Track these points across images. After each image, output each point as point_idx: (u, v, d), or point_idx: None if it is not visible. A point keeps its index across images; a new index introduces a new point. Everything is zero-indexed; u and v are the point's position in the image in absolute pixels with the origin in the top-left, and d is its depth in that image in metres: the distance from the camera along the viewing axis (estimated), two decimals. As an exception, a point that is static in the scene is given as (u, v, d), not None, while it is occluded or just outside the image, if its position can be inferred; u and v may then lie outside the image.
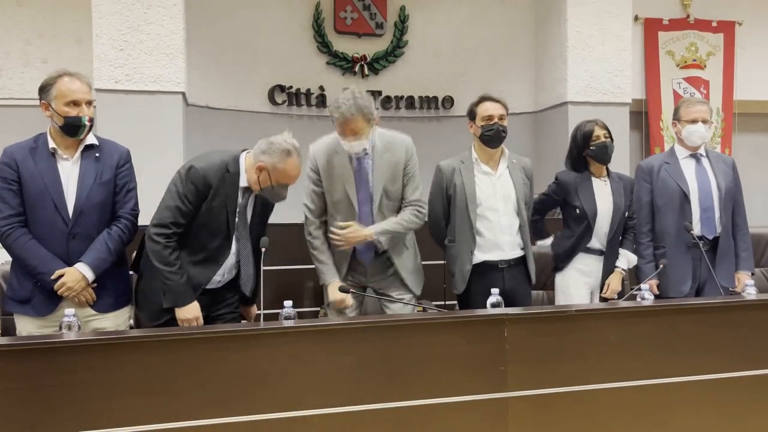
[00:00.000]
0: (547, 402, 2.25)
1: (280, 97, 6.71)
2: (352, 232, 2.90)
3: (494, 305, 2.58)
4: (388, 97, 6.97)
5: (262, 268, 2.66)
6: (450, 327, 2.22)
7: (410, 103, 7.02)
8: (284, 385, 2.04)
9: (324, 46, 6.83)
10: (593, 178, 3.37)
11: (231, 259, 2.83)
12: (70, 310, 2.27)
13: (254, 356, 2.04)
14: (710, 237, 3.27)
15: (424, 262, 3.32)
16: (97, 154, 2.69)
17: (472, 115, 3.20)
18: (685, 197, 3.27)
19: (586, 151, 3.32)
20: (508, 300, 3.00)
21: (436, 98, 7.06)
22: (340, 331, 2.16)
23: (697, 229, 3.24)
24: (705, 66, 7.21)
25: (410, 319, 2.31)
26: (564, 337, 2.29)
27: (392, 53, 6.99)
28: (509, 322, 2.22)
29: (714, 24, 7.23)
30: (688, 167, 3.33)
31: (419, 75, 7.04)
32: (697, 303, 2.61)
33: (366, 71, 6.93)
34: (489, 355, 2.20)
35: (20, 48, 5.95)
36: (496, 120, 3.11)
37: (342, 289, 2.76)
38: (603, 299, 3.34)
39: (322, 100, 6.81)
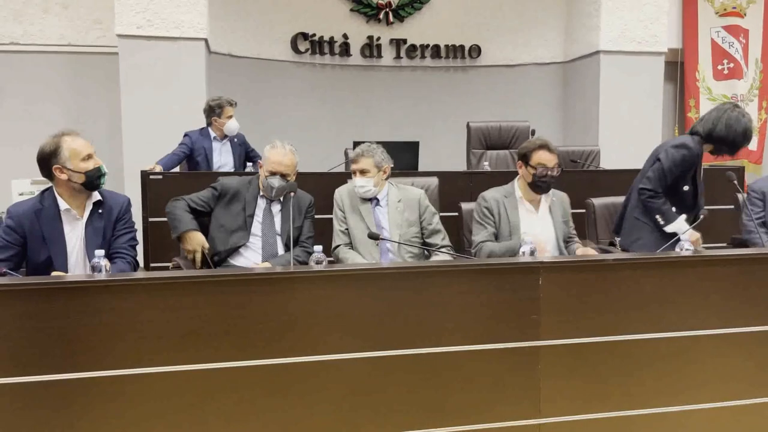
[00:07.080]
0: (579, 351, 2.20)
1: (303, 45, 6.57)
2: None
3: (526, 254, 2.53)
4: (413, 46, 6.79)
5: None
6: (484, 274, 2.17)
7: (436, 51, 6.84)
8: (313, 329, 2.02)
9: (348, -8, 6.65)
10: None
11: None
12: (100, 252, 2.25)
13: (283, 300, 2.01)
14: None
15: (442, 214, 3.38)
16: (100, 210, 2.62)
17: (525, 157, 3.10)
18: None
19: (735, 147, 3.09)
20: None
21: (462, 47, 6.87)
22: (370, 276, 2.12)
23: None
24: (745, 14, 6.88)
25: (443, 265, 2.27)
26: (599, 287, 2.23)
27: (418, 0, 6.79)
28: (544, 270, 2.17)
29: (756, -31, 6.89)
30: None
31: (445, 23, 6.83)
32: (733, 254, 2.52)
33: (391, 18, 6.74)
34: (522, 303, 2.15)
35: (40, -7, 5.86)
36: (548, 170, 3.04)
37: (371, 236, 2.78)
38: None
39: (345, 49, 6.67)
